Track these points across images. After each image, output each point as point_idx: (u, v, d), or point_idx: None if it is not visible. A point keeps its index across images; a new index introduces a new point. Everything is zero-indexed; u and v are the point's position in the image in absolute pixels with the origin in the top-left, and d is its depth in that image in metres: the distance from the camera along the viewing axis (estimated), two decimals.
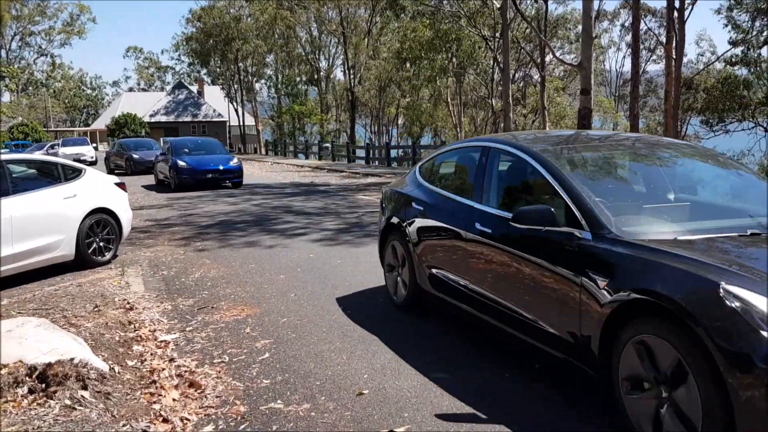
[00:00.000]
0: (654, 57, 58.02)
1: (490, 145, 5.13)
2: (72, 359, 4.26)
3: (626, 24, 58.43)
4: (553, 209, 3.98)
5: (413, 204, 5.82)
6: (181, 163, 18.99)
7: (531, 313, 4.19)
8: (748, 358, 2.77)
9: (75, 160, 32.10)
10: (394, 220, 6.13)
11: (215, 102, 73.62)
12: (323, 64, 60.87)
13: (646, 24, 47.95)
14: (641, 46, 53.31)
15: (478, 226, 4.77)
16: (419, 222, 5.66)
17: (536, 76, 37.94)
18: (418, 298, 5.85)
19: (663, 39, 30.44)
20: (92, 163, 34.48)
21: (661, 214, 4.17)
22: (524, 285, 4.25)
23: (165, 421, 3.92)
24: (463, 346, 5.10)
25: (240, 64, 61.47)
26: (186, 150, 20.06)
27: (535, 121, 46.01)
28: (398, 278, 6.13)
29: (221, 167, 19.24)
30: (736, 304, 2.87)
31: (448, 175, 5.96)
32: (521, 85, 46.33)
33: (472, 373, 4.53)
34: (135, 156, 26.99)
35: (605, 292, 3.51)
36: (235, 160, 20.01)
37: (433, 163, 6.13)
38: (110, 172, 26.84)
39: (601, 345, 3.56)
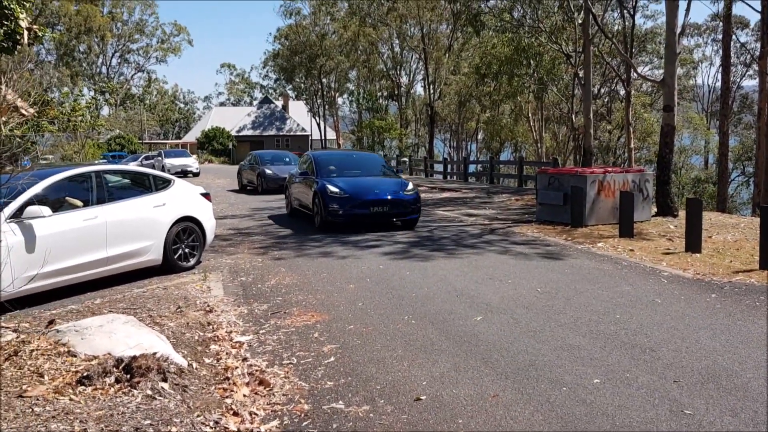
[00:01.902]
0: (750, 72, 55.68)
1: None
2: (155, 354, 4.66)
3: (718, 38, 56.17)
4: None
5: None
6: (331, 189, 12.80)
7: None
8: None
9: (181, 171, 33.22)
10: None
11: (299, 116, 75.83)
12: (404, 79, 61.70)
13: (738, 39, 46.03)
14: (736, 61, 51.18)
15: None
16: None
17: (622, 92, 37.09)
18: None
19: (757, 54, 29.16)
20: (196, 175, 34.44)
21: None
22: None
23: (235, 414, 4.23)
24: None
25: (323, 80, 63.10)
26: (333, 168, 14.07)
27: (621, 137, 44.90)
28: None
29: (389, 197, 12.82)
30: None
31: None
32: (606, 100, 45.36)
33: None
34: (267, 171, 22.59)
35: None
36: (410, 185, 13.49)
37: None
38: (242, 188, 24.83)
39: None
